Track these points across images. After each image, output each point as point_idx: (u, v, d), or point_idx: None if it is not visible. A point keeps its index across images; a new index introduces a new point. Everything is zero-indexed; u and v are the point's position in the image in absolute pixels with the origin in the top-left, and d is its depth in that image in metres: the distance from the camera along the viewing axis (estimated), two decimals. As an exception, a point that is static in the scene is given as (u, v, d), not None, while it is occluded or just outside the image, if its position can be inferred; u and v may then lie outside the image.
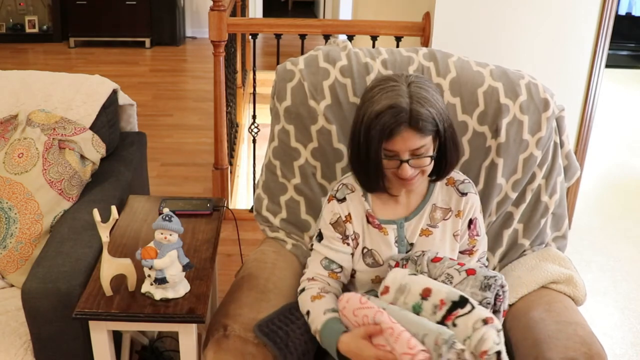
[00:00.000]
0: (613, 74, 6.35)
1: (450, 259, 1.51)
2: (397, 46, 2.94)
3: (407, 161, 1.45)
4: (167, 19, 6.72)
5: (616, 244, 3.30)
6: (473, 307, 1.34)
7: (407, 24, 2.90)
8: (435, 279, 1.46)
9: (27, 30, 6.62)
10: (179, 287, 1.47)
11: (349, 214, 1.60)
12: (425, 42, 2.85)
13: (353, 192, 1.62)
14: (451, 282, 1.44)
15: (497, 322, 1.32)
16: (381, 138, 1.43)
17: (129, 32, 6.66)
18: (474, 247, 1.63)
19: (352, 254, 1.61)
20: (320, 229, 1.64)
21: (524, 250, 1.82)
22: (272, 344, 1.44)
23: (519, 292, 1.67)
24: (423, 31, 2.84)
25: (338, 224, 1.61)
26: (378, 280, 1.58)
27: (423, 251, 1.53)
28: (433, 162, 1.50)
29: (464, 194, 1.61)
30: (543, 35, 2.81)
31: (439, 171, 1.56)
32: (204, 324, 1.51)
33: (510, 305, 1.66)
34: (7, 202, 1.80)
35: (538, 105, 1.76)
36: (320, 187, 1.83)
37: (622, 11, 6.85)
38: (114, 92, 2.13)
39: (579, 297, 1.66)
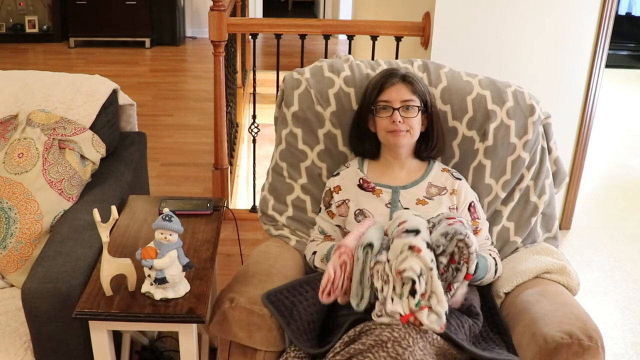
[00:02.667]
0: (613, 74, 6.34)
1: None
2: (397, 46, 2.94)
3: (397, 109, 1.71)
4: (167, 19, 6.72)
5: (616, 244, 3.29)
6: (414, 236, 1.44)
7: (407, 24, 2.90)
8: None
9: (27, 30, 6.62)
10: (179, 287, 1.47)
11: (338, 185, 1.82)
12: (425, 42, 2.85)
13: (348, 167, 1.85)
14: (435, 229, 1.53)
15: (426, 255, 1.40)
16: (376, 88, 1.74)
17: (129, 32, 6.66)
18: (477, 227, 1.78)
19: (339, 226, 1.80)
20: (320, 205, 1.88)
21: (517, 248, 1.88)
22: (276, 312, 1.51)
23: (513, 282, 1.71)
24: (423, 31, 2.84)
25: (326, 195, 1.85)
26: None
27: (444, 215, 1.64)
28: (420, 125, 1.75)
29: (458, 179, 1.80)
30: (543, 35, 2.81)
31: (426, 146, 1.79)
32: (204, 324, 1.51)
33: (505, 294, 1.71)
34: (7, 202, 1.80)
35: (524, 110, 1.85)
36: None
37: (622, 11, 6.85)
38: (114, 92, 2.13)
39: (573, 286, 1.71)
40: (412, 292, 1.39)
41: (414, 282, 1.38)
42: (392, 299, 1.41)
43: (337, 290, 1.48)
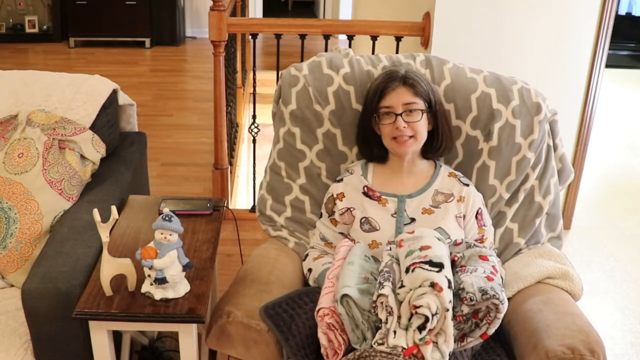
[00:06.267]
0: (613, 74, 6.34)
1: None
2: (397, 46, 2.94)
3: (400, 114, 1.67)
4: (167, 19, 6.72)
5: (616, 244, 3.29)
6: (437, 272, 1.40)
7: (407, 24, 2.90)
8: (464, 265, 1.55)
9: (27, 30, 6.62)
10: (179, 287, 1.47)
11: (341, 192, 1.78)
12: (425, 42, 2.85)
13: (352, 174, 1.80)
14: (469, 271, 1.50)
15: (445, 296, 1.37)
16: (377, 94, 1.70)
17: (129, 32, 6.66)
18: (482, 236, 1.76)
19: (343, 233, 1.78)
20: (321, 210, 1.85)
21: (520, 249, 1.85)
22: (274, 327, 1.48)
23: (514, 287, 1.69)
24: (423, 31, 2.84)
25: (328, 202, 1.81)
26: (375, 245, 1.69)
27: (473, 243, 1.64)
28: (426, 127, 1.71)
29: (466, 185, 1.77)
30: (543, 35, 2.81)
31: (433, 147, 1.76)
32: (204, 324, 1.51)
33: (507, 299, 1.68)
34: (7, 202, 1.80)
35: (530, 109, 1.81)
36: (326, 187, 1.88)
37: (622, 11, 6.85)
38: (114, 92, 2.13)
39: (576, 292, 1.69)
40: (421, 327, 1.36)
41: (426, 320, 1.36)
42: (395, 332, 1.39)
43: (342, 346, 1.45)
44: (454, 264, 1.55)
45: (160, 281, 1.43)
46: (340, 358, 1.44)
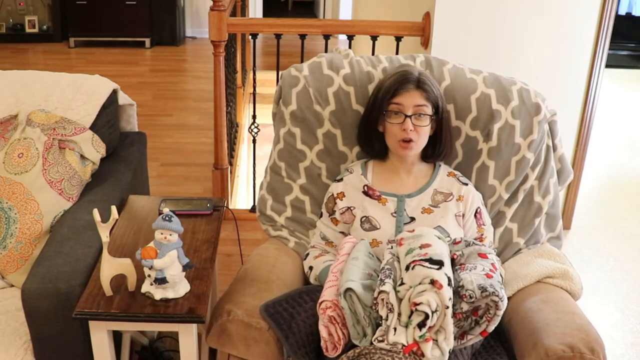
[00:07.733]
0: (613, 74, 6.34)
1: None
2: (397, 46, 2.94)
3: (410, 116, 1.67)
4: (167, 19, 6.72)
5: (616, 244, 3.29)
6: (437, 269, 1.40)
7: (407, 24, 2.90)
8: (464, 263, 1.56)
9: (27, 30, 6.62)
10: (179, 287, 1.47)
11: (342, 192, 1.79)
12: (425, 42, 2.85)
13: (352, 173, 1.81)
14: (468, 269, 1.50)
15: (445, 293, 1.37)
16: (390, 92, 1.69)
17: (129, 32, 6.67)
18: (482, 235, 1.77)
19: (343, 232, 1.79)
20: (322, 210, 1.86)
21: (519, 249, 1.85)
22: (274, 325, 1.49)
23: (514, 286, 1.70)
24: (423, 31, 2.84)
25: (329, 201, 1.82)
26: (375, 243, 1.70)
27: (473, 242, 1.65)
28: (429, 132, 1.72)
29: (465, 184, 1.78)
30: (543, 35, 2.81)
31: (434, 151, 1.77)
32: (204, 324, 1.51)
33: (507, 298, 1.68)
34: (7, 202, 1.80)
35: (529, 110, 1.81)
36: (326, 187, 1.88)
37: (622, 11, 6.85)
38: (114, 92, 2.13)
39: (576, 291, 1.69)
40: (421, 325, 1.37)
41: (426, 317, 1.36)
42: (395, 329, 1.39)
43: (341, 341, 1.45)
44: (453, 262, 1.55)
45: (160, 281, 1.43)
46: (340, 352, 1.44)
